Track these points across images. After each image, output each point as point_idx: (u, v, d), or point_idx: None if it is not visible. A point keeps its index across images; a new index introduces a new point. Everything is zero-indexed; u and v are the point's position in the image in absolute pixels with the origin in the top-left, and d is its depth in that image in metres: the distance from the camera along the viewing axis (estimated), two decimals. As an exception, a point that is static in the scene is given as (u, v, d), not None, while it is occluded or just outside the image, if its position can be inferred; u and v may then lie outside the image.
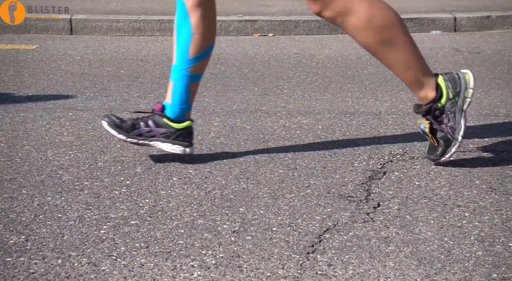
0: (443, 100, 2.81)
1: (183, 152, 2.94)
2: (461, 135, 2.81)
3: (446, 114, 2.82)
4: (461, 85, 2.84)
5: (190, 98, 2.95)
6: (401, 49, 2.78)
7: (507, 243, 2.28)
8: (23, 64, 5.09)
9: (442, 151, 2.84)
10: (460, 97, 2.82)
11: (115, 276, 2.06)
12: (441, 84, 2.83)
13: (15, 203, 2.57)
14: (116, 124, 2.92)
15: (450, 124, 2.81)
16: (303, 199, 2.62)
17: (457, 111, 2.82)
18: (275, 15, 6.75)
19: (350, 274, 2.08)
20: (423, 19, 6.72)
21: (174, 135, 2.92)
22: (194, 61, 2.89)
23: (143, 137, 2.93)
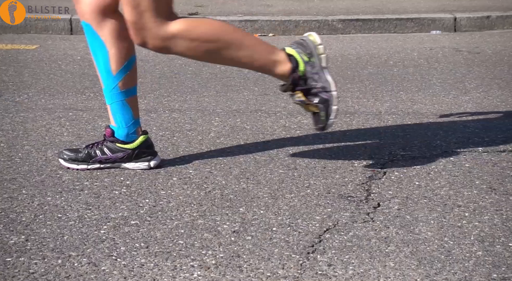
0: (301, 67, 2.76)
1: (148, 166, 2.89)
2: (334, 90, 2.75)
3: (311, 78, 2.76)
4: (310, 46, 2.78)
5: (133, 114, 2.88)
6: (237, 48, 2.72)
7: (507, 243, 2.28)
8: (23, 64, 5.09)
9: (325, 113, 2.77)
10: (315, 56, 2.77)
11: (115, 276, 2.06)
12: (292, 53, 2.77)
13: (15, 203, 2.57)
14: (71, 158, 2.90)
15: (320, 85, 2.75)
16: (303, 199, 2.62)
17: (319, 70, 2.77)
18: (275, 15, 6.76)
19: (350, 274, 2.08)
20: (423, 19, 6.72)
21: (133, 155, 2.89)
22: (120, 76, 2.81)
23: (104, 163, 2.91)
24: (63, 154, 2.91)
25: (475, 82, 4.53)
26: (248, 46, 2.72)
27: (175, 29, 2.62)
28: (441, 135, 3.38)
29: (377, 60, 5.29)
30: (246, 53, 2.72)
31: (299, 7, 7.28)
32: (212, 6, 7.24)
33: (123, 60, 2.81)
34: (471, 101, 4.06)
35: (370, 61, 5.22)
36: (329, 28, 6.63)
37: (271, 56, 2.75)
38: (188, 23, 2.66)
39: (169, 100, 4.06)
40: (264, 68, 2.79)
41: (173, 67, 4.98)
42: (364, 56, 5.44)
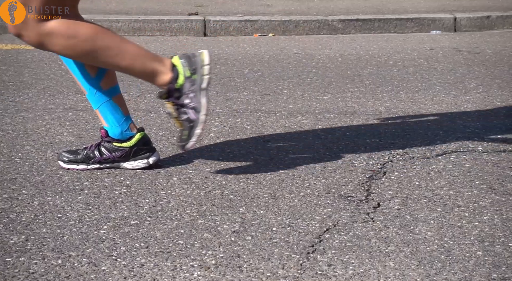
0: (181, 80, 2.72)
1: (147, 164, 2.89)
2: (203, 115, 2.72)
3: (186, 95, 2.73)
4: (197, 63, 2.75)
5: (122, 112, 2.87)
6: (115, 53, 2.69)
7: (507, 243, 2.28)
8: (23, 64, 5.09)
9: (188, 134, 2.75)
10: (198, 75, 2.73)
11: (115, 276, 2.06)
12: (176, 64, 2.74)
13: (15, 203, 2.57)
14: (71, 159, 2.90)
15: (192, 105, 2.73)
16: (303, 199, 2.62)
17: (197, 90, 2.73)
18: (275, 15, 6.76)
19: (350, 274, 2.08)
20: (423, 19, 6.72)
21: (131, 154, 2.89)
22: (100, 76, 2.81)
23: (103, 163, 2.90)
24: (62, 155, 2.91)
25: (475, 82, 4.53)
26: (128, 51, 2.68)
27: (52, 25, 2.62)
28: (441, 135, 3.38)
29: (377, 60, 5.29)
30: (125, 58, 2.68)
31: (299, 7, 7.28)
32: (212, 6, 7.24)
33: None
34: (471, 101, 4.06)
35: (370, 61, 5.22)
36: (329, 28, 6.63)
37: (153, 64, 2.71)
38: (66, 22, 2.65)
39: (169, 100, 4.05)
40: (144, 76, 2.75)
41: (173, 67, 4.98)
42: (364, 56, 5.44)
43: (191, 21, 6.52)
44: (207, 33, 6.49)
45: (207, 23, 6.51)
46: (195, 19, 6.54)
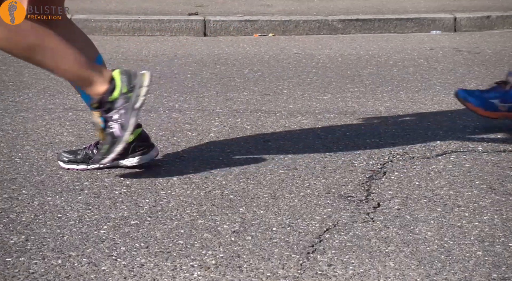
0: (115, 94, 2.72)
1: (146, 160, 2.88)
2: (128, 134, 2.71)
3: (117, 110, 2.72)
4: (136, 82, 2.74)
5: None
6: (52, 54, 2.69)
7: (507, 243, 2.28)
8: (23, 64, 5.07)
9: (107, 148, 2.74)
10: (134, 94, 2.72)
11: (115, 276, 2.06)
12: (115, 78, 2.74)
13: (15, 203, 2.57)
14: (70, 160, 2.90)
15: (120, 121, 2.71)
16: (303, 199, 2.62)
17: (129, 108, 2.72)
18: (275, 15, 6.75)
19: (350, 274, 2.08)
20: (423, 19, 6.72)
21: (129, 150, 2.88)
22: None
23: None
24: (62, 156, 2.91)
25: (475, 82, 4.53)
26: (68, 55, 2.70)
27: None
28: (441, 136, 3.38)
29: (377, 60, 5.29)
30: (64, 61, 2.69)
31: (299, 7, 7.28)
32: (212, 6, 7.23)
33: None
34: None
35: (370, 61, 5.22)
36: (329, 28, 6.63)
37: (90, 72, 2.71)
38: None
39: (169, 100, 4.06)
40: (80, 82, 2.75)
41: (173, 67, 4.98)
42: (364, 56, 5.44)
43: (191, 21, 6.52)
44: (207, 33, 6.49)
45: (207, 23, 6.51)
46: (195, 19, 6.54)
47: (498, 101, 3.33)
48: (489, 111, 3.35)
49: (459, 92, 3.39)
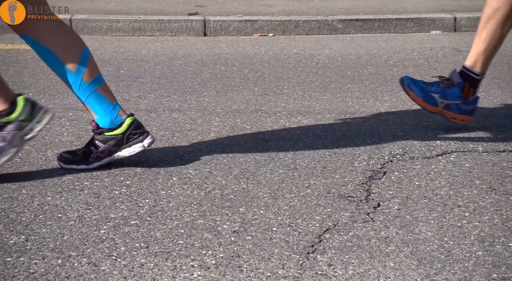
0: (11, 117, 2.77)
1: (143, 147, 2.90)
2: (3, 160, 2.76)
3: (5, 132, 2.77)
4: (36, 116, 2.80)
5: (109, 100, 2.88)
6: None
7: (507, 243, 2.28)
8: (23, 64, 5.09)
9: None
10: (29, 126, 2.79)
11: (115, 276, 2.06)
12: (18, 103, 2.79)
13: (15, 203, 2.57)
14: (70, 160, 2.91)
15: (1, 144, 2.75)
16: (303, 199, 2.62)
17: (17, 136, 2.77)
18: (275, 15, 6.76)
19: (350, 274, 2.08)
20: (423, 19, 6.72)
21: (124, 140, 2.89)
22: (80, 71, 2.82)
23: (102, 159, 2.90)
24: (62, 157, 2.92)
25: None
26: None
27: None
28: (441, 136, 3.38)
29: (377, 60, 5.29)
30: None
31: (299, 7, 7.28)
32: (212, 6, 7.24)
33: (77, 55, 2.82)
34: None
35: (370, 61, 5.22)
36: (329, 28, 6.63)
37: None
38: None
39: (169, 100, 4.06)
40: None
41: (173, 67, 4.99)
42: (364, 56, 5.44)
43: (191, 21, 6.52)
44: (207, 33, 6.49)
45: (207, 23, 6.51)
46: (195, 19, 6.54)
47: (438, 97, 3.36)
48: (428, 104, 3.37)
49: (405, 79, 3.40)
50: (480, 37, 3.31)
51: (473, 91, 3.37)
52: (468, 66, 3.36)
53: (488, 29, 3.28)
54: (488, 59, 3.34)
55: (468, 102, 3.37)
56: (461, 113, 3.39)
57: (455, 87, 3.35)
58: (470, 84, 3.36)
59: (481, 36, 3.30)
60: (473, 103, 3.39)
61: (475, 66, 3.35)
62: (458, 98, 3.36)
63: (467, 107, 3.38)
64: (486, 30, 3.29)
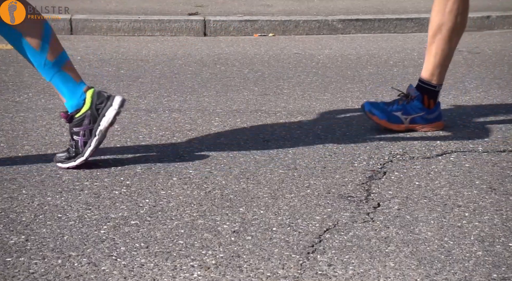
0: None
1: (115, 110, 2.88)
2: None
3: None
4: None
5: (74, 79, 2.89)
6: None
7: (507, 243, 2.28)
8: (23, 64, 5.08)
9: None
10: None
11: (115, 276, 2.06)
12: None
13: (15, 203, 2.57)
14: (66, 157, 2.91)
15: None
16: (303, 199, 2.62)
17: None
18: (275, 15, 6.75)
19: (350, 274, 2.08)
20: (423, 19, 6.72)
21: (95, 112, 2.88)
22: (44, 48, 2.82)
23: (89, 141, 2.90)
24: (57, 157, 2.92)
25: (475, 82, 4.53)
26: None
27: None
28: (441, 136, 3.38)
29: (377, 60, 5.29)
30: None
31: (299, 7, 7.28)
32: (212, 6, 7.24)
33: (39, 32, 2.82)
34: (471, 101, 4.06)
35: (370, 61, 5.22)
36: (329, 28, 6.63)
37: None
38: None
39: (169, 100, 4.06)
40: None
41: (173, 67, 4.98)
42: (364, 56, 5.44)
43: (191, 21, 6.52)
44: (207, 33, 6.49)
45: (207, 23, 6.51)
46: (195, 19, 6.54)
47: (400, 114, 3.39)
48: (394, 124, 3.39)
49: (365, 105, 3.43)
50: (430, 52, 3.37)
51: (433, 102, 3.41)
52: (424, 79, 3.40)
53: (436, 44, 3.35)
54: (442, 71, 3.39)
55: (431, 111, 3.41)
56: (428, 123, 3.42)
57: (414, 101, 3.39)
58: (429, 96, 3.40)
59: (431, 51, 3.37)
60: (436, 110, 3.43)
61: (431, 79, 3.39)
62: (420, 110, 3.39)
63: (431, 115, 3.42)
64: (435, 45, 3.35)
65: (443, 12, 3.27)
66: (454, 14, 3.26)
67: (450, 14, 3.28)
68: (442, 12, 3.28)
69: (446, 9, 3.26)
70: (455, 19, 3.27)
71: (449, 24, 3.29)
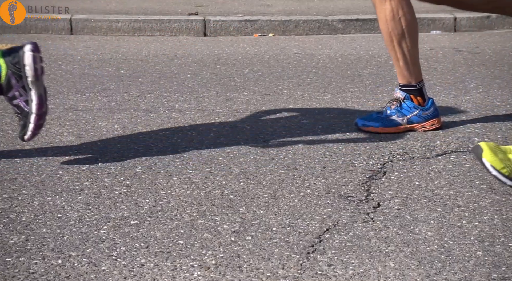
0: None
1: (31, 52, 2.82)
2: None
3: None
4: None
5: None
6: None
7: (507, 243, 2.28)
8: (23, 64, 5.08)
9: None
10: None
11: (115, 276, 2.06)
12: None
13: (15, 203, 2.57)
14: (21, 126, 2.87)
15: None
16: (303, 199, 2.62)
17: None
18: (275, 15, 6.76)
19: (350, 274, 2.08)
20: (423, 19, 6.72)
21: (15, 69, 2.84)
22: None
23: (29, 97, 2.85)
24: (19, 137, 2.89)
25: (475, 82, 4.53)
26: None
27: None
28: (441, 136, 3.38)
29: (377, 60, 5.29)
30: None
31: (299, 7, 7.28)
32: (212, 6, 7.24)
33: None
34: (471, 101, 4.06)
35: (370, 61, 5.22)
36: (329, 28, 6.63)
37: None
38: None
39: (169, 100, 4.06)
40: None
41: (173, 67, 4.99)
42: (364, 56, 5.44)
43: (191, 21, 6.52)
44: (207, 33, 6.49)
45: (207, 23, 6.51)
46: (195, 19, 6.54)
47: (396, 117, 3.41)
48: (392, 128, 3.41)
49: (358, 122, 3.46)
50: (394, 58, 3.38)
51: (421, 99, 3.43)
52: (403, 84, 3.42)
53: (394, 51, 3.35)
54: (415, 69, 3.39)
55: (426, 108, 3.42)
56: (425, 120, 3.43)
57: (405, 102, 3.41)
58: (415, 95, 3.42)
59: (394, 57, 3.37)
60: (431, 106, 3.44)
61: (409, 81, 3.41)
62: (414, 109, 3.40)
63: (427, 112, 3.43)
64: (394, 52, 3.35)
65: (385, 21, 3.29)
66: (396, 19, 3.28)
67: (392, 22, 3.29)
68: (384, 21, 3.29)
69: (387, 18, 3.27)
70: (399, 23, 3.29)
71: (396, 30, 3.29)
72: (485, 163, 2.52)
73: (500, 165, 2.52)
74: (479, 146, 2.55)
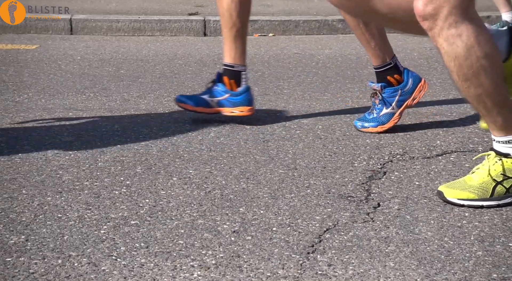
0: None
1: None
2: None
3: None
4: None
5: None
6: None
7: (507, 243, 2.28)
8: (23, 64, 5.09)
9: None
10: None
11: (115, 276, 2.06)
12: None
13: (15, 203, 2.57)
14: None
15: None
16: (303, 199, 2.62)
17: None
18: (275, 15, 6.76)
19: (350, 274, 2.08)
20: (423, 19, 6.71)
21: None
22: None
23: None
24: None
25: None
26: None
27: None
28: (441, 136, 3.38)
29: (377, 60, 5.28)
30: None
31: (299, 7, 7.28)
32: (212, 6, 7.24)
33: None
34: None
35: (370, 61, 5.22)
36: (329, 28, 6.63)
37: None
38: None
39: (169, 100, 4.06)
40: None
41: (173, 67, 4.99)
42: (364, 56, 5.44)
43: (191, 21, 6.52)
44: (207, 33, 6.49)
45: (207, 23, 6.51)
46: (195, 19, 6.54)
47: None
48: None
49: (356, 124, 3.51)
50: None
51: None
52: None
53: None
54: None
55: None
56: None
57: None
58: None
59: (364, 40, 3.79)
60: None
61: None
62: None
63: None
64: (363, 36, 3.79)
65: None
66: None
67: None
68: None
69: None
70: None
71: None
72: (453, 201, 2.54)
73: (465, 194, 2.53)
74: (439, 191, 2.58)
